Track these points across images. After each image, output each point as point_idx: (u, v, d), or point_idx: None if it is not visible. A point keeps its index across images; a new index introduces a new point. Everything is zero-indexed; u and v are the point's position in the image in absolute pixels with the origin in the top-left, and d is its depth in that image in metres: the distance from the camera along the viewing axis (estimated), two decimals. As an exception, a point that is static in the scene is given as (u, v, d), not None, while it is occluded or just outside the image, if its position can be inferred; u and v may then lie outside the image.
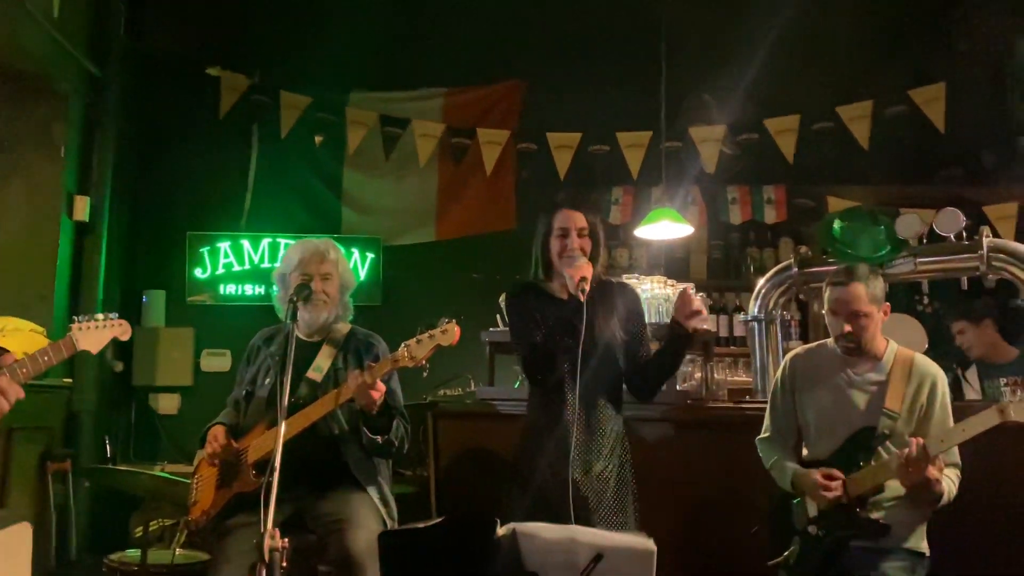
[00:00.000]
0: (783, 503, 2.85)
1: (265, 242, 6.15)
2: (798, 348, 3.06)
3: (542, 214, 2.82)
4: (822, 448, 2.81)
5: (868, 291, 2.73)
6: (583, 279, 2.61)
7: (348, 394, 2.67)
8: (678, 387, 3.77)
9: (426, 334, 2.59)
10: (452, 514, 3.63)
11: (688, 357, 4.08)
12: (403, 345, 2.63)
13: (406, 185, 6.35)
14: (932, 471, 2.52)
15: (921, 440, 2.53)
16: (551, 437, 2.62)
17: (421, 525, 1.95)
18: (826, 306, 2.83)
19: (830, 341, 2.92)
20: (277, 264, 3.13)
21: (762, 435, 3.00)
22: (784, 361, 3.02)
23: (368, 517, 2.74)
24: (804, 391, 2.89)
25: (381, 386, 2.66)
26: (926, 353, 2.89)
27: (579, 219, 2.74)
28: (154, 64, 5.89)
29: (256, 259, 6.13)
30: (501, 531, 1.80)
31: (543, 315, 2.72)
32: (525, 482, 2.66)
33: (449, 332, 2.58)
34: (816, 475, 2.70)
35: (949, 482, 2.62)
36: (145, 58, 5.87)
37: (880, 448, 2.67)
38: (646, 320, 3.75)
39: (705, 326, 4.07)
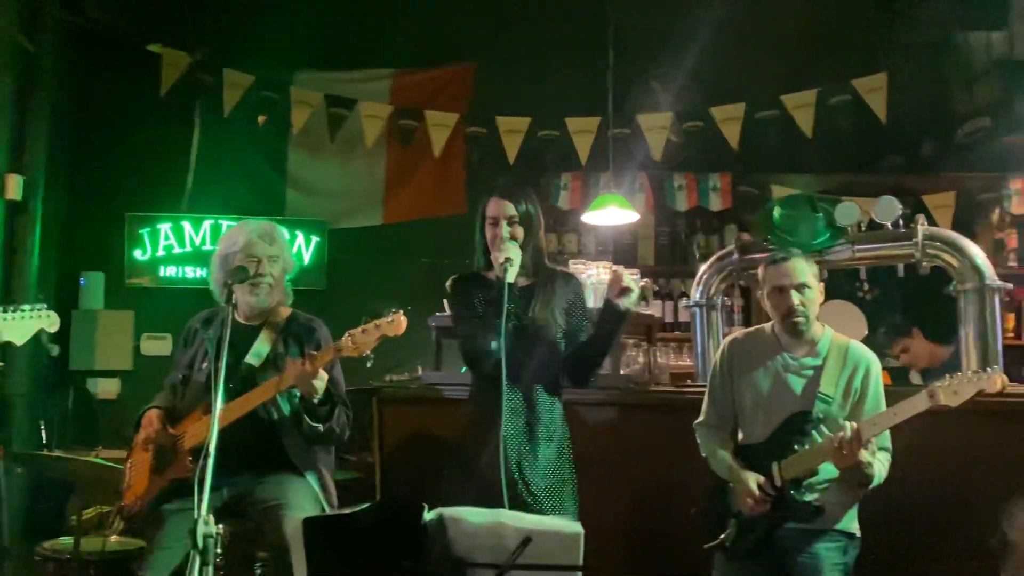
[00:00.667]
0: (719, 486, 2.90)
1: (207, 224, 6.04)
2: (736, 332, 3.11)
3: (481, 199, 2.82)
4: (758, 431, 2.86)
5: (808, 265, 2.81)
6: (507, 260, 2.61)
7: (288, 382, 2.65)
8: (622, 371, 3.80)
9: (372, 323, 2.58)
10: (380, 500, 3.65)
11: (632, 342, 4.12)
12: (347, 334, 2.62)
13: (353, 167, 6.28)
14: (864, 454, 2.59)
15: (855, 424, 2.59)
16: (487, 422, 2.63)
17: (347, 511, 1.94)
18: (767, 287, 2.88)
19: (768, 326, 2.98)
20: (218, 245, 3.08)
21: (700, 419, 3.04)
22: (723, 345, 3.07)
23: (305, 503, 2.73)
24: (742, 375, 2.94)
25: (323, 374, 2.64)
26: (864, 339, 2.96)
27: (508, 208, 2.73)
28: (92, 39, 5.72)
29: (198, 241, 6.03)
30: (428, 516, 1.80)
31: (480, 301, 2.73)
32: (463, 468, 2.67)
33: (395, 322, 2.57)
34: (751, 483, 2.73)
35: (880, 465, 2.69)
36: (82, 33, 5.70)
37: (815, 432, 2.72)
38: (590, 305, 3.80)
39: (641, 306, 4.13)
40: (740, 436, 2.96)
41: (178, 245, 6.04)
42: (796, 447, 2.73)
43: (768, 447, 2.79)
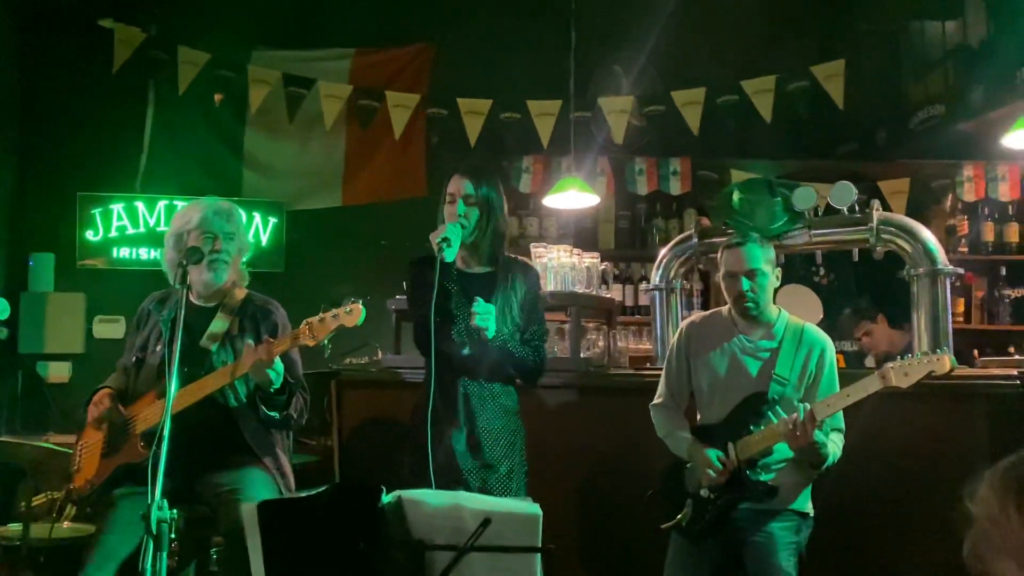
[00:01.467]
0: (676, 467, 2.94)
1: (161, 204, 5.95)
2: (694, 315, 3.15)
3: (443, 180, 2.80)
4: (715, 413, 2.90)
5: (763, 251, 2.84)
6: (444, 241, 2.58)
7: (244, 369, 2.62)
8: (581, 354, 3.83)
9: (330, 313, 2.56)
10: (337, 483, 3.64)
11: (592, 325, 4.15)
12: (304, 323, 2.59)
13: (311, 148, 6.21)
14: (817, 435, 2.64)
15: (808, 405, 2.64)
16: (435, 408, 2.63)
17: (303, 495, 1.93)
18: (722, 269, 2.92)
19: (725, 309, 3.01)
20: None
21: (655, 401, 3.08)
22: (680, 327, 3.11)
23: (262, 487, 2.70)
24: (699, 357, 2.98)
25: (279, 362, 2.62)
26: (819, 323, 3.01)
27: (465, 186, 2.71)
28: (42, 14, 5.57)
29: (152, 222, 5.93)
30: (386, 499, 1.80)
31: (432, 285, 2.71)
32: (414, 453, 2.67)
33: (354, 313, 2.55)
34: (712, 457, 2.78)
35: (834, 445, 2.75)
36: (31, 7, 5.54)
37: (770, 413, 2.77)
38: (550, 289, 3.82)
39: (603, 293, 4.15)
40: (698, 417, 3.00)
41: (131, 226, 5.94)
42: (752, 428, 2.78)
43: (724, 428, 2.84)
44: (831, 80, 5.56)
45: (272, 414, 2.73)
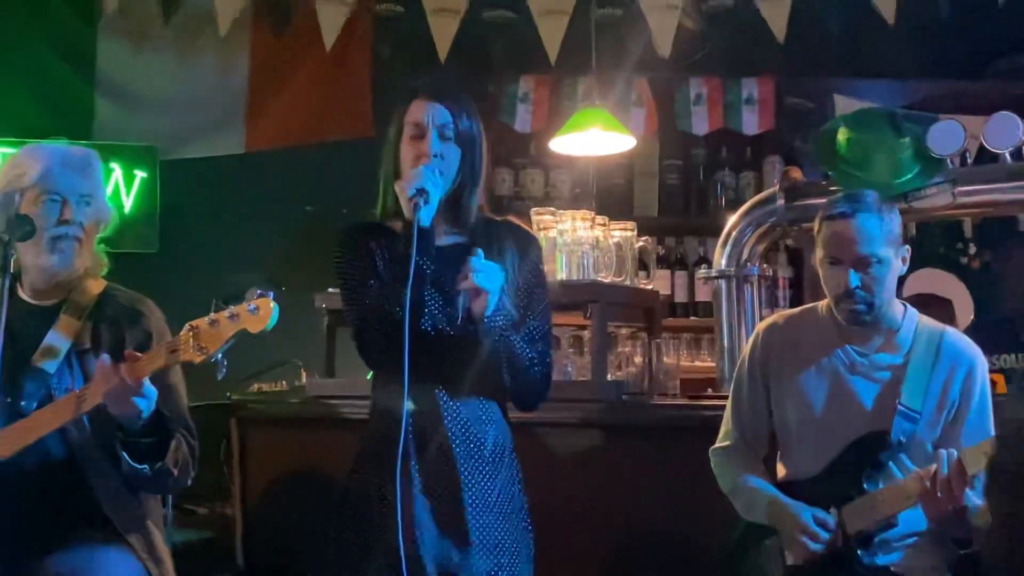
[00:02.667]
0: (750, 538, 2.95)
1: (-28, 152, 5.94)
2: (775, 316, 3.16)
3: (396, 110, 2.79)
4: (808, 462, 2.92)
5: (882, 225, 2.84)
6: (420, 193, 2.53)
7: (96, 398, 2.62)
8: (609, 376, 3.83)
9: (225, 312, 2.55)
10: (242, 569, 3.65)
11: (625, 332, 4.15)
12: (187, 328, 2.58)
13: (198, 65, 6.21)
14: (970, 496, 2.63)
15: (954, 452, 2.65)
16: (385, 451, 2.55)
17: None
18: (820, 251, 2.93)
19: (823, 305, 3.02)
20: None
21: (719, 443, 3.10)
22: (754, 334, 3.13)
23: (124, 578, 2.71)
24: (784, 378, 2.99)
25: (149, 387, 2.61)
26: (969, 326, 3.02)
27: (438, 113, 2.67)
28: None
29: (-43, 179, 5.93)
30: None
31: (384, 263, 2.69)
32: (352, 518, 2.65)
33: (261, 311, 2.52)
34: (803, 512, 2.78)
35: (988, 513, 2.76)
36: None
37: (893, 464, 2.79)
38: (560, 276, 3.82)
39: (640, 283, 4.15)
40: (780, 470, 3.02)
41: (-74, 185, 5.92)
42: (866, 486, 2.78)
43: (824, 485, 2.85)
44: (985, -39, 5.57)
45: (139, 467, 2.72)
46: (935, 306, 4.73)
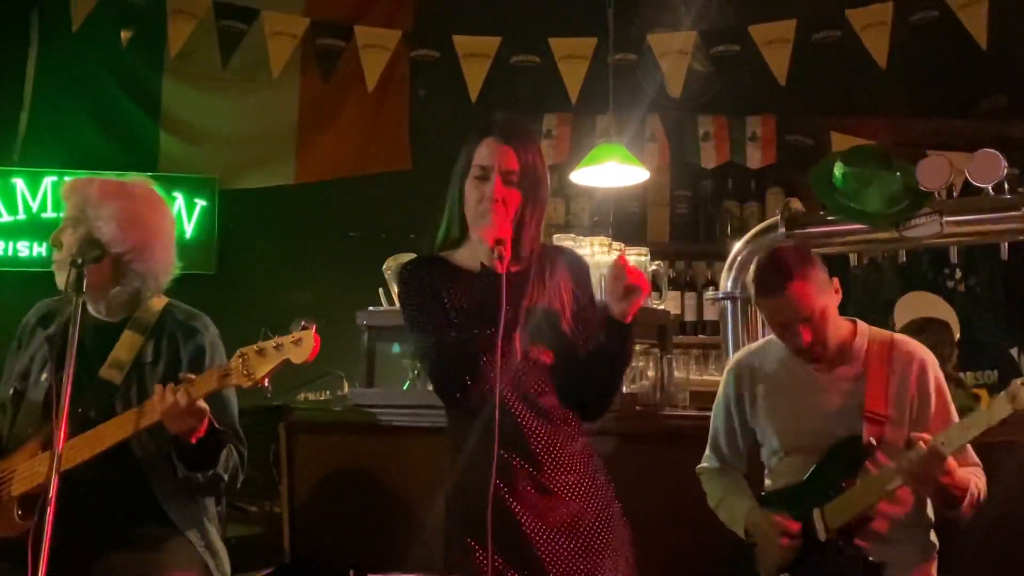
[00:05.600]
0: (745, 548, 2.95)
1: (47, 181, 5.99)
2: (742, 351, 3.18)
3: (467, 143, 2.63)
4: (790, 473, 2.92)
5: (807, 287, 2.78)
6: (499, 243, 2.45)
7: (154, 415, 2.61)
8: (624, 389, 3.81)
9: (271, 343, 2.54)
10: (289, 563, 3.64)
11: (639, 348, 4.13)
12: (238, 354, 2.57)
13: (253, 104, 6.27)
14: (950, 463, 2.61)
15: (927, 436, 2.64)
16: (480, 476, 2.44)
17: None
18: (766, 318, 2.95)
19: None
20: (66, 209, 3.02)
21: (703, 463, 3.15)
22: (727, 370, 3.14)
23: (186, 571, 2.71)
24: (757, 405, 3.02)
25: (201, 407, 2.59)
26: (960, 343, 3.00)
27: (508, 156, 2.54)
28: None
29: (35, 205, 6.00)
30: (355, 588, 1.80)
31: (453, 300, 2.57)
32: (454, 541, 2.54)
33: (304, 344, 2.51)
34: (774, 520, 2.81)
35: (976, 479, 2.75)
36: None
37: (869, 463, 2.78)
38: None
39: (652, 303, 4.12)
40: (768, 482, 3.02)
41: (7, 211, 5.99)
42: (845, 486, 2.78)
43: (806, 491, 2.85)
44: (970, 9, 5.53)
45: (193, 475, 2.72)
46: (934, 327, 4.71)
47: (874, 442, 2.79)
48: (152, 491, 2.78)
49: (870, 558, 2.77)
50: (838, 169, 3.90)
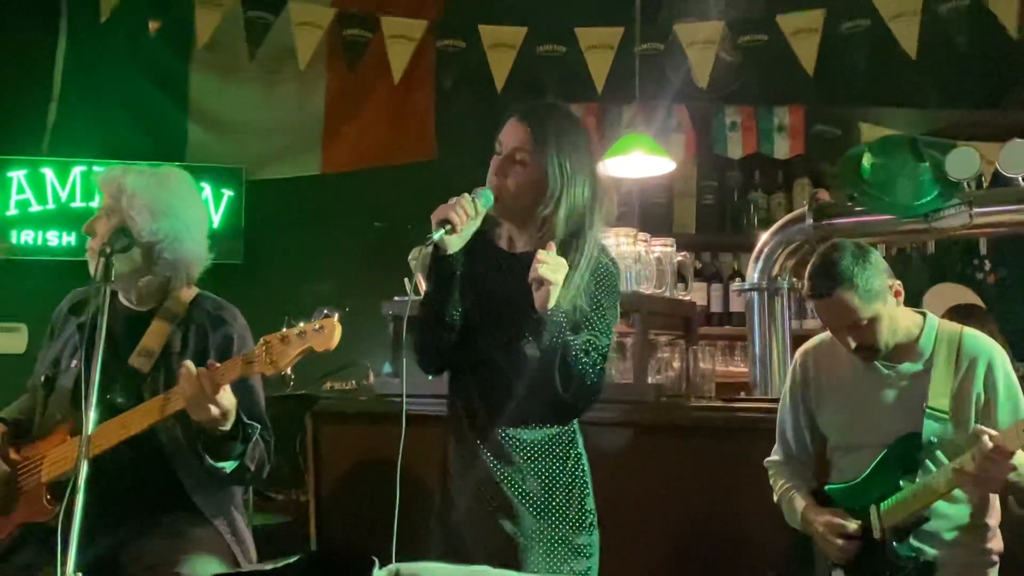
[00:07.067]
0: (804, 543, 2.93)
1: (77, 171, 6.03)
2: (810, 342, 3.12)
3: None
4: (851, 470, 2.89)
5: (859, 296, 2.73)
6: (443, 223, 2.45)
7: (179, 402, 2.61)
8: (650, 379, 3.81)
9: (294, 330, 2.55)
10: (315, 551, 3.65)
11: (664, 339, 4.13)
12: (262, 342, 2.58)
13: (280, 95, 6.29)
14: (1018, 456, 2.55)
15: (992, 432, 2.58)
16: (472, 450, 2.61)
17: (267, 568, 1.93)
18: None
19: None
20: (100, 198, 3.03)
21: (771, 456, 3.10)
22: (795, 359, 3.11)
23: (212, 559, 2.72)
24: (822, 397, 2.99)
25: (225, 404, 2.61)
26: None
27: (518, 133, 2.56)
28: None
29: (64, 195, 6.02)
30: (381, 574, 1.80)
31: (475, 276, 2.62)
32: (442, 514, 2.66)
33: (326, 331, 2.51)
34: (825, 516, 2.79)
35: None
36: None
37: (929, 461, 2.76)
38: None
39: (678, 294, 4.11)
40: (832, 477, 2.99)
41: (37, 200, 6.01)
42: (902, 485, 2.76)
43: (864, 488, 2.83)
44: (1001, -1, 5.49)
45: (220, 465, 2.73)
46: (977, 314, 4.69)
47: (934, 439, 2.76)
48: (180, 480, 2.80)
49: (922, 559, 2.75)
50: (867, 160, 3.89)
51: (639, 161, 4.91)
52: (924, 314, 2.93)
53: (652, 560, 3.54)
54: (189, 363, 2.61)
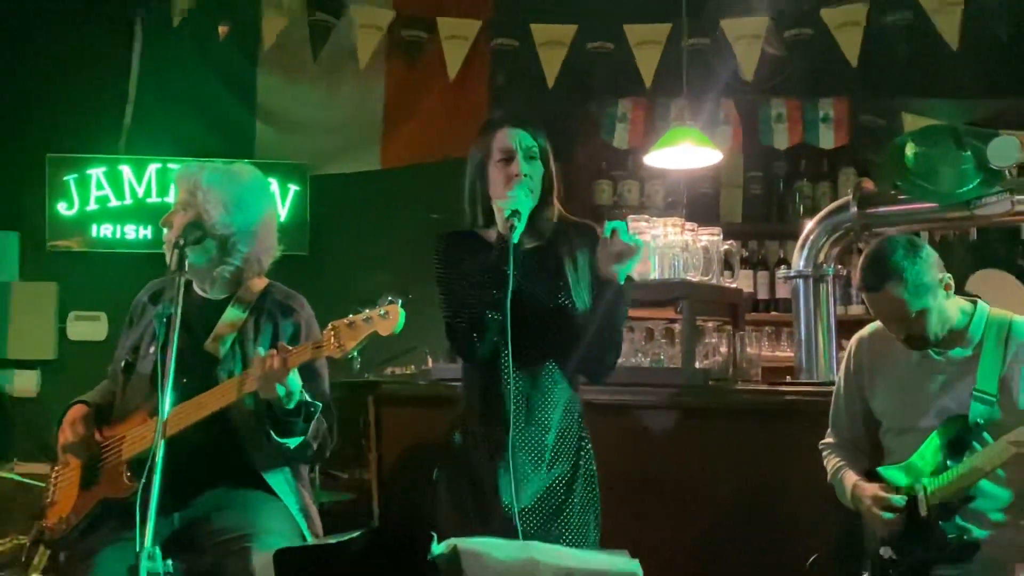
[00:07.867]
0: (852, 523, 2.94)
1: (152, 168, 6.10)
2: (865, 329, 3.11)
3: (476, 139, 2.81)
4: (901, 451, 2.89)
5: (909, 291, 2.72)
6: (515, 215, 2.61)
7: (253, 384, 2.67)
8: (697, 363, 3.81)
9: (361, 315, 2.59)
10: (376, 527, 3.69)
11: (712, 325, 4.12)
12: (330, 327, 2.63)
13: (342, 94, 6.32)
14: None
15: None
16: (484, 428, 2.70)
17: (332, 541, 1.95)
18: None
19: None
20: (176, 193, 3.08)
21: (825, 439, 3.11)
22: (850, 345, 3.10)
23: (282, 533, 2.75)
24: (875, 382, 2.99)
25: (295, 377, 2.66)
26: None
27: (524, 136, 2.74)
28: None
29: (140, 191, 6.09)
30: (438, 549, 1.82)
31: (473, 269, 2.72)
32: (453, 485, 2.76)
33: (390, 317, 2.56)
34: (873, 489, 2.79)
35: None
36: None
37: (976, 443, 2.74)
38: (653, 275, 3.81)
39: (725, 281, 4.11)
40: (883, 459, 2.99)
41: (115, 196, 6.10)
42: (950, 464, 2.75)
43: (912, 469, 2.83)
44: (1044, -11, 5.39)
45: (284, 441, 2.77)
46: None
47: (981, 421, 2.75)
48: (251, 457, 2.85)
49: (967, 538, 2.73)
50: (910, 149, 3.85)
51: (687, 153, 4.89)
52: (975, 301, 2.92)
53: (698, 541, 3.54)
54: (260, 350, 2.69)
